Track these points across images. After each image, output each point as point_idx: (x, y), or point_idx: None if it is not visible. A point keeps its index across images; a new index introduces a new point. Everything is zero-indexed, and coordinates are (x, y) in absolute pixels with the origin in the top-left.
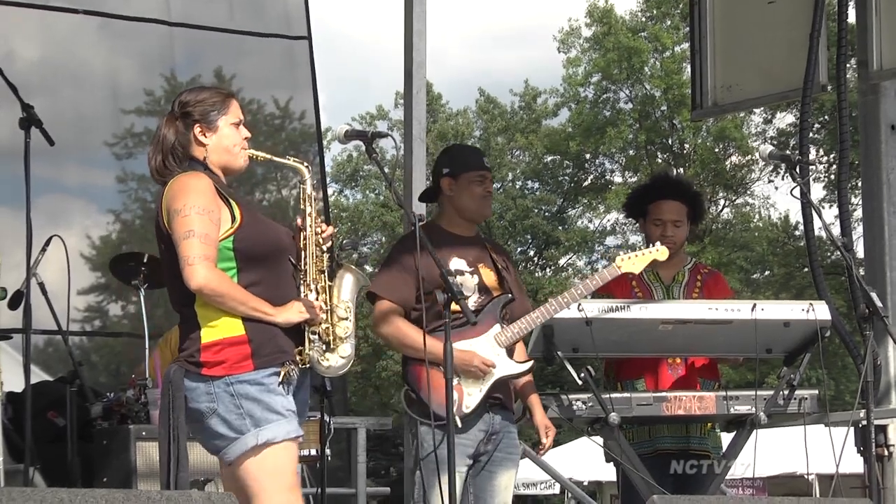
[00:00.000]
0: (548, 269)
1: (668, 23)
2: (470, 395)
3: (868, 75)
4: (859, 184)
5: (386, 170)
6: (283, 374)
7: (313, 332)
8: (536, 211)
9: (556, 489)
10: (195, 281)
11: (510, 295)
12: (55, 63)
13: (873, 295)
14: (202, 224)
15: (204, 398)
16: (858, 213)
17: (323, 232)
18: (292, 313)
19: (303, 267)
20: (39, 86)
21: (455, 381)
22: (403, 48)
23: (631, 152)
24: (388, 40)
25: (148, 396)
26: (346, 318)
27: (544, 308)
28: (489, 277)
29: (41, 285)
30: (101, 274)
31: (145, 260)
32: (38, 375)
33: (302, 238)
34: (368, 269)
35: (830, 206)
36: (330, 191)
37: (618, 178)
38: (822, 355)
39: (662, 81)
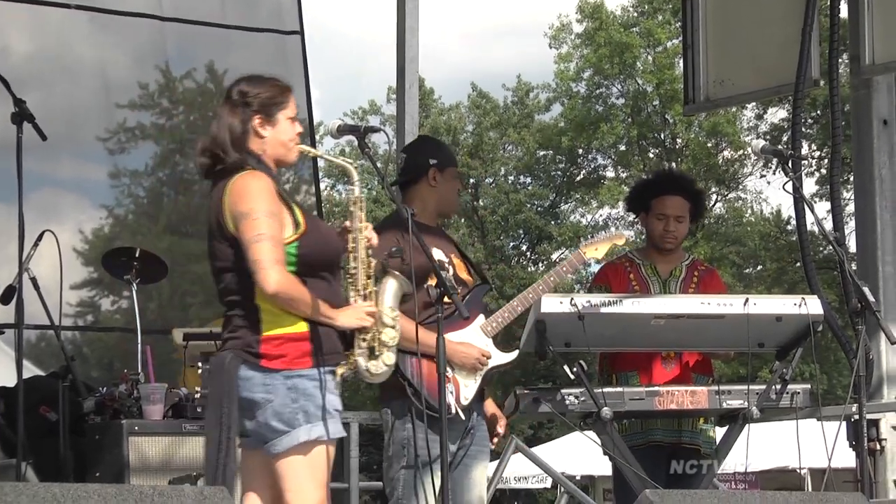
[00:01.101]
0: (540, 264)
1: (660, 18)
2: (467, 387)
3: (860, 70)
4: (851, 178)
5: (378, 165)
6: (339, 373)
7: (364, 339)
8: (529, 206)
9: (548, 483)
10: (270, 286)
11: (489, 285)
12: (47, 57)
13: (865, 289)
14: (271, 227)
15: (259, 389)
16: (851, 208)
17: (370, 238)
18: (351, 318)
19: (353, 272)
20: (32, 80)
21: (449, 373)
22: (396, 43)
23: (623, 147)
24: (380, 35)
25: (140, 391)
26: (392, 326)
27: (523, 296)
28: (461, 268)
29: (33, 280)
30: (94, 269)
31: (137, 255)
32: (30, 370)
33: (351, 241)
34: None
35: (822, 199)
36: (322, 186)
37: (610, 174)
38: (815, 350)
39: (654, 76)
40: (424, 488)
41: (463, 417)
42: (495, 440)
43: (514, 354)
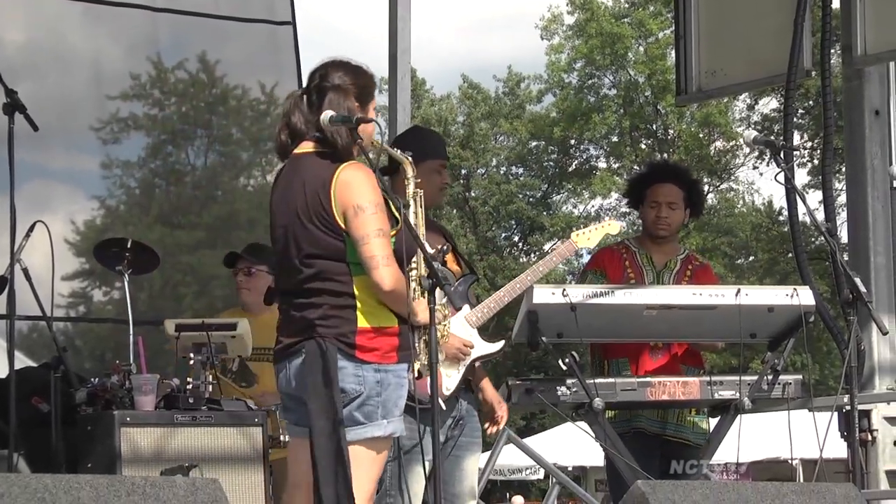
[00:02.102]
0: (532, 255)
1: (651, 9)
2: (449, 377)
3: (852, 61)
4: (843, 169)
5: (371, 155)
6: (417, 369)
7: (425, 340)
8: (521, 196)
9: (541, 474)
10: (387, 283)
11: (475, 275)
12: (40, 48)
13: (857, 280)
14: (385, 223)
15: (351, 379)
16: (842, 199)
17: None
18: (424, 314)
19: (413, 267)
20: (24, 70)
21: None
22: (388, 34)
23: (615, 138)
24: (373, 27)
25: (132, 382)
26: (441, 323)
27: (510, 287)
28: (449, 258)
29: (25, 271)
30: (86, 259)
31: (129, 246)
32: (22, 361)
33: None
34: None
35: (814, 190)
36: None
37: (602, 164)
38: (806, 340)
39: (646, 67)
40: (410, 480)
41: (444, 408)
42: (496, 428)
43: (500, 345)
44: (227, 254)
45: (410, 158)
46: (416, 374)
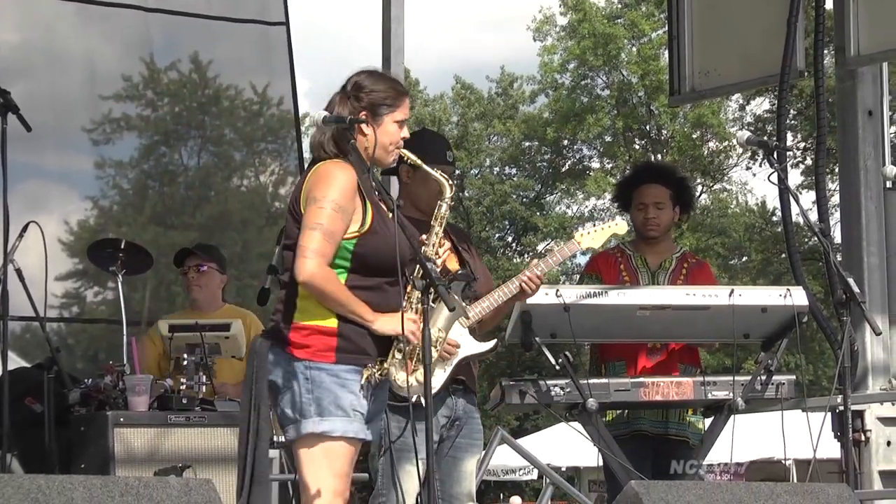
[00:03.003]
0: (526, 255)
1: (644, 9)
2: (434, 377)
3: (845, 61)
4: (837, 169)
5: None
6: (365, 375)
7: (399, 350)
8: (514, 197)
9: (535, 474)
10: (303, 274)
11: (471, 275)
12: (34, 48)
13: (850, 280)
14: (332, 220)
15: (280, 374)
16: (836, 199)
17: (441, 255)
18: (387, 325)
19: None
20: (18, 71)
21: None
22: (381, 34)
23: (608, 139)
24: (366, 27)
25: (126, 383)
26: (433, 346)
27: (505, 287)
28: (451, 261)
29: (18, 271)
30: (79, 260)
31: (123, 246)
32: (15, 362)
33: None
34: None
35: (807, 190)
36: None
37: (595, 164)
38: (800, 341)
39: (639, 67)
40: (401, 478)
41: (423, 404)
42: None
43: (490, 344)
44: (177, 251)
45: (450, 182)
46: (367, 382)
